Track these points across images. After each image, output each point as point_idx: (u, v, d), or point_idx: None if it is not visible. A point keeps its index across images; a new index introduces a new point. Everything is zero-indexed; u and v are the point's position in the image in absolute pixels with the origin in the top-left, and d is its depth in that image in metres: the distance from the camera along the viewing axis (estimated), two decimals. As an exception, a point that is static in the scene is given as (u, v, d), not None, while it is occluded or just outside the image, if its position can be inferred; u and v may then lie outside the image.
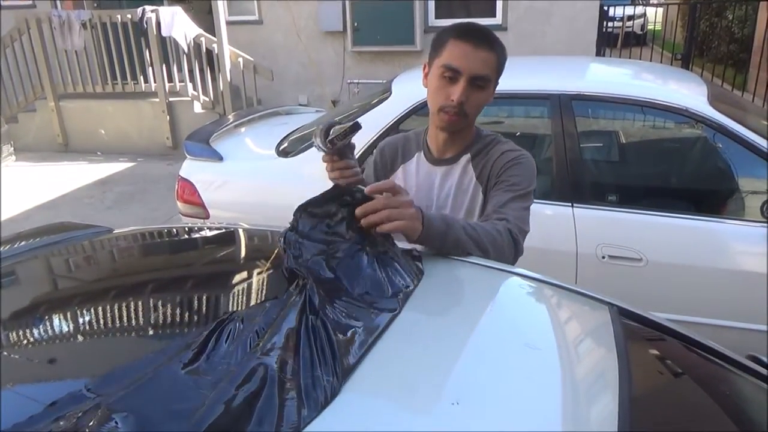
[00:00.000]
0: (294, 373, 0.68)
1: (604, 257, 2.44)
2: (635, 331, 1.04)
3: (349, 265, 0.92)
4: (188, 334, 0.78)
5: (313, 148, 2.91)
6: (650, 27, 14.41)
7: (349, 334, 0.78)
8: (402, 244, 1.09)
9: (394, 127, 2.75)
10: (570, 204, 2.51)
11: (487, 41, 1.34)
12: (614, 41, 8.10)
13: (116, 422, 0.59)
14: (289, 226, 0.98)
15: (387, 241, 1.02)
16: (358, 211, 0.99)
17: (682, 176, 2.99)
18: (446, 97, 1.34)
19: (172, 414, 0.61)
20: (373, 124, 2.78)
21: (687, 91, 2.73)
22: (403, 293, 0.91)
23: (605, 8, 6.87)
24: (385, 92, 2.96)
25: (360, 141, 2.78)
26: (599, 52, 6.74)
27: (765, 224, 2.35)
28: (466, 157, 1.46)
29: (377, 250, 0.97)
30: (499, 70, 1.38)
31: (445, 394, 0.73)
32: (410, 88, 2.98)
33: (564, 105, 2.58)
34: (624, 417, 0.70)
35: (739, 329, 2.36)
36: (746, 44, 8.19)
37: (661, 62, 7.20)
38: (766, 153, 2.36)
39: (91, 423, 0.59)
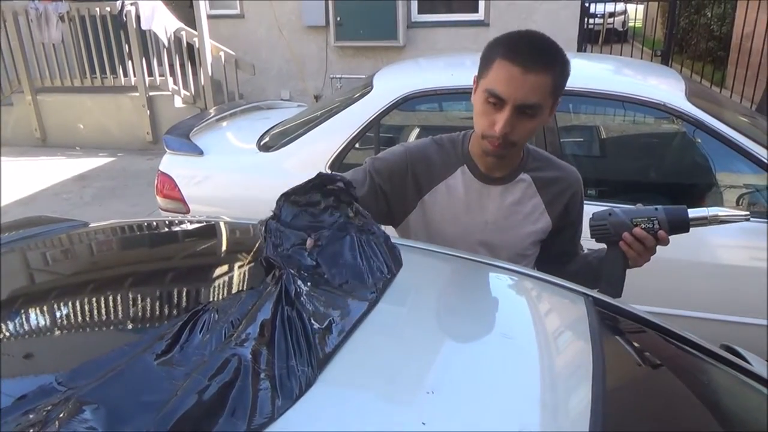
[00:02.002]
0: (268, 364, 0.67)
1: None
2: (610, 321, 1.05)
3: (330, 253, 0.91)
4: (162, 326, 0.77)
5: (297, 142, 2.93)
6: (631, 24, 14.54)
7: (325, 324, 0.77)
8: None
9: (375, 122, 2.75)
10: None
11: (541, 61, 1.14)
12: (596, 38, 8.16)
13: (87, 414, 0.58)
14: (271, 214, 0.97)
15: (373, 226, 1.00)
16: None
17: (661, 171, 3.02)
18: (490, 124, 1.19)
19: (143, 405, 0.61)
20: (354, 119, 2.77)
21: (665, 87, 2.76)
22: (382, 283, 0.91)
23: (586, 5, 6.91)
24: (367, 87, 2.95)
25: (340, 137, 2.80)
26: (581, 49, 6.79)
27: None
28: (526, 176, 1.35)
29: (361, 235, 0.96)
30: (555, 93, 1.19)
31: (421, 384, 0.73)
32: (392, 82, 2.98)
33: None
34: (597, 405, 0.71)
35: (718, 321, 2.41)
36: (725, 42, 8.31)
37: (641, 59, 7.26)
38: (741, 147, 2.41)
39: (61, 415, 0.58)
